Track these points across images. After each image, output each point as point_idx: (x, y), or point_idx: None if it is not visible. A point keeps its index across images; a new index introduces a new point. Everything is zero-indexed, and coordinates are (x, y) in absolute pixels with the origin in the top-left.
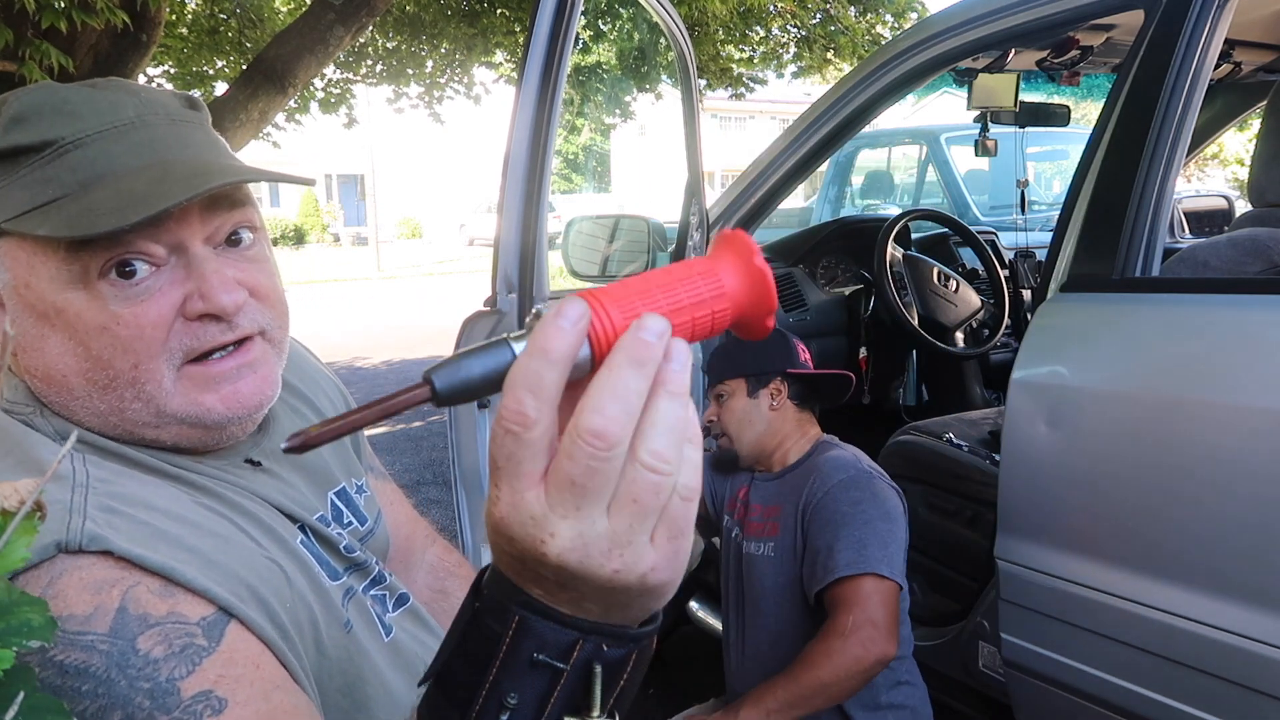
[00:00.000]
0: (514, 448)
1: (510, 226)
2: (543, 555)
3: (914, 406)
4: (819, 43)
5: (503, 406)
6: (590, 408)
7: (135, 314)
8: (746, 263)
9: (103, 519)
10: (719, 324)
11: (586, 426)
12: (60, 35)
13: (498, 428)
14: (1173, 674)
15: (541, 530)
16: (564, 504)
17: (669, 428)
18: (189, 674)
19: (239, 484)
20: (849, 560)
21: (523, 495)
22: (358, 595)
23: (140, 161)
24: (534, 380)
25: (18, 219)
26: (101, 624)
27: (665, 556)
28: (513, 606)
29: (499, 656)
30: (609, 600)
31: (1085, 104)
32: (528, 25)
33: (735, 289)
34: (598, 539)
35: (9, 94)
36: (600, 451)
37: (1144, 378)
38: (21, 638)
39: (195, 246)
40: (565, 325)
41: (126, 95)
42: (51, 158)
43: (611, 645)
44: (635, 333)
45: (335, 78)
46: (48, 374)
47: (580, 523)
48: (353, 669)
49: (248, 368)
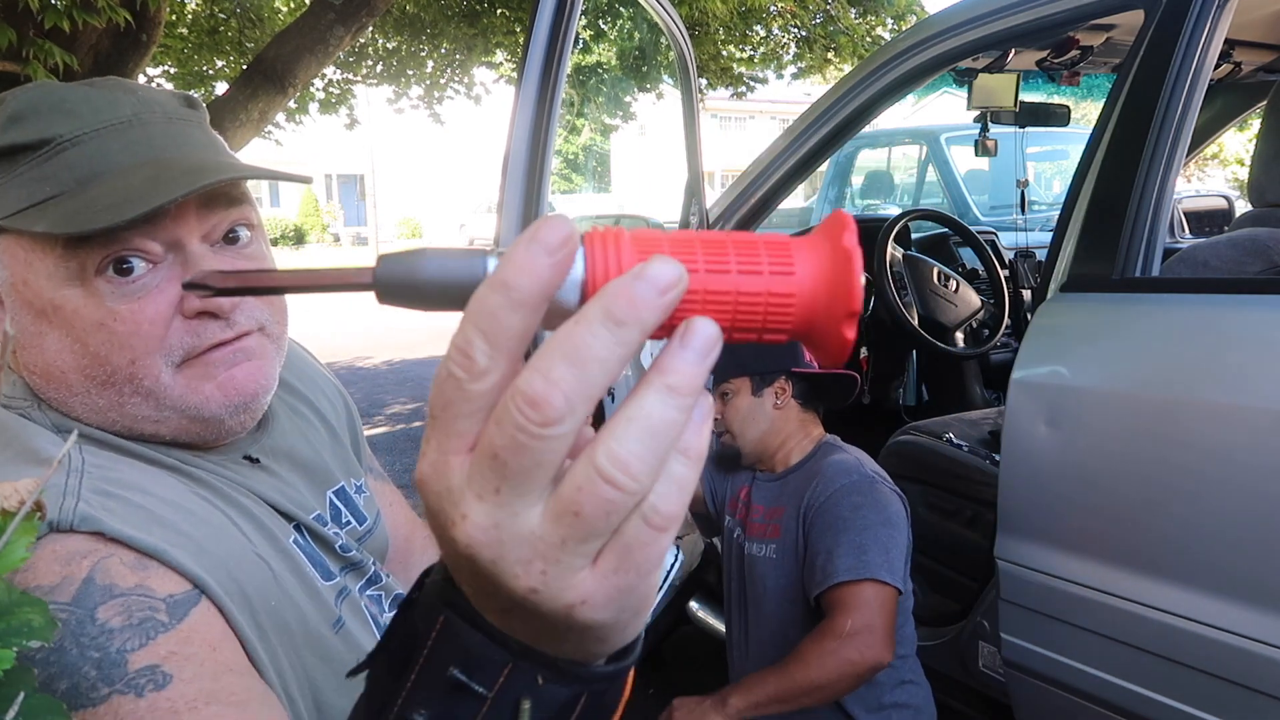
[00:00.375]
0: (453, 395)
1: (510, 226)
2: (452, 539)
3: (914, 406)
4: (819, 43)
5: (452, 342)
6: (534, 366)
7: (133, 311)
8: (832, 239)
9: (96, 501)
10: (775, 316)
11: (522, 389)
12: (62, 35)
13: (441, 367)
14: (1172, 674)
15: (454, 507)
16: (482, 480)
17: (649, 430)
18: (140, 647)
19: (236, 480)
20: (849, 565)
21: (447, 459)
22: (352, 595)
23: (136, 159)
24: (487, 319)
25: (15, 216)
26: (65, 594)
27: (605, 591)
28: (439, 604)
29: (418, 663)
30: (534, 624)
31: (1085, 104)
32: (527, 25)
33: (807, 272)
34: (516, 541)
35: (7, 92)
36: (530, 424)
37: (1144, 378)
38: (22, 638)
39: (192, 244)
40: (538, 253)
41: (124, 94)
42: (49, 155)
43: (550, 679)
44: (628, 278)
45: (335, 78)
46: (46, 370)
47: (499, 510)
48: (345, 668)
49: (242, 353)
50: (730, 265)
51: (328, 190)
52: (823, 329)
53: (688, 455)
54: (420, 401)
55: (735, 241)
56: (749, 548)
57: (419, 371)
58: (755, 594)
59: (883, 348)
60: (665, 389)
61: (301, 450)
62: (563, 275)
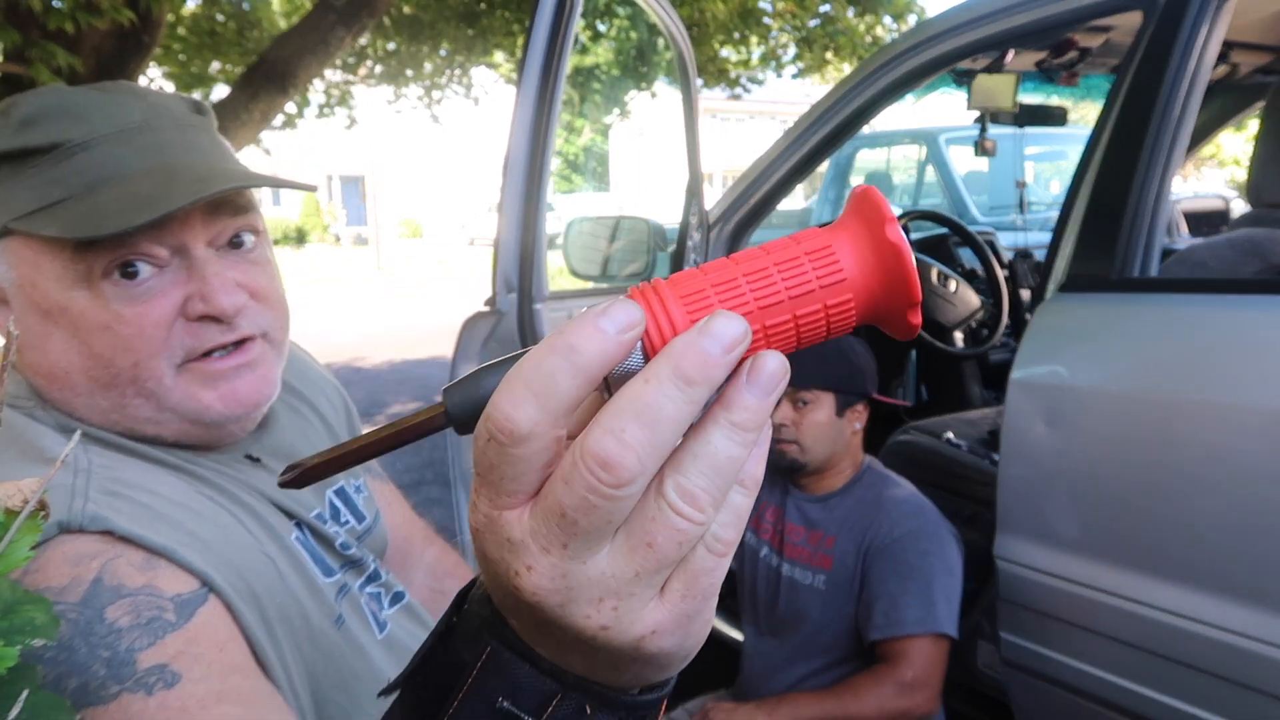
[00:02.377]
0: (496, 459)
1: (510, 226)
2: (516, 589)
3: (914, 406)
4: (819, 43)
5: (492, 404)
6: (604, 426)
7: (137, 313)
8: (874, 235)
9: (104, 501)
10: (838, 324)
11: (594, 450)
12: (66, 36)
13: (482, 427)
14: (1172, 673)
15: (517, 560)
16: (549, 536)
17: (716, 467)
18: (149, 646)
19: (239, 478)
20: (917, 619)
21: (502, 514)
22: (352, 592)
23: (146, 165)
24: (543, 381)
25: (25, 218)
26: (75, 594)
27: (674, 618)
28: (485, 635)
29: (462, 690)
30: (593, 658)
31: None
32: (527, 26)
33: (859, 274)
34: (586, 585)
35: (19, 96)
36: (603, 485)
37: (1142, 378)
38: (25, 636)
39: (197, 249)
40: (608, 329)
41: (134, 99)
42: (59, 159)
43: (598, 709)
44: (695, 335)
45: (335, 79)
46: (51, 371)
47: (567, 562)
48: (345, 665)
49: (247, 368)
50: (780, 292)
51: (329, 191)
52: (888, 319)
53: (745, 485)
54: (421, 401)
55: (777, 262)
56: (788, 570)
57: (419, 371)
58: (793, 618)
59: (882, 348)
60: (731, 426)
61: (301, 449)
62: (625, 354)
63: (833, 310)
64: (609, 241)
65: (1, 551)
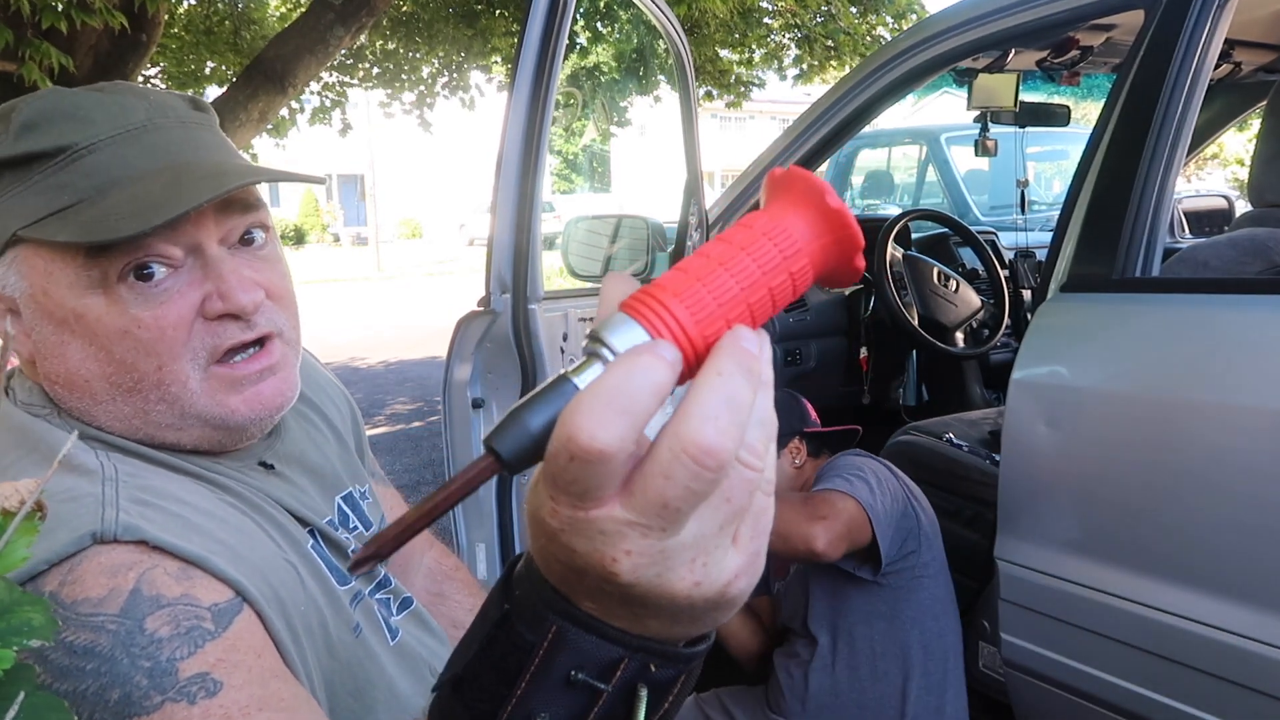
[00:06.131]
0: (580, 474)
1: (504, 227)
2: (612, 574)
3: (914, 406)
4: (819, 43)
5: (574, 428)
6: (699, 418)
7: (156, 316)
8: (819, 207)
9: (135, 510)
10: (801, 285)
11: (696, 440)
12: (60, 36)
13: (561, 449)
14: (1172, 674)
15: (614, 547)
16: (648, 524)
17: (760, 420)
18: (189, 655)
19: (255, 485)
20: (841, 485)
21: (589, 514)
22: (365, 599)
23: (154, 165)
24: (629, 401)
25: (34, 225)
26: (113, 605)
27: (747, 558)
28: (550, 615)
29: (530, 669)
30: (676, 617)
31: (1085, 104)
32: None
33: (811, 241)
34: (680, 551)
35: (17, 101)
36: (706, 471)
37: (1144, 378)
38: (22, 637)
39: (211, 247)
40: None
41: (136, 99)
42: (65, 163)
43: (660, 665)
44: (738, 341)
45: (331, 81)
46: (70, 380)
47: (664, 541)
48: (361, 673)
49: (269, 371)
50: (754, 271)
51: (328, 190)
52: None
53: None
54: (420, 401)
55: (743, 246)
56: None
57: (419, 371)
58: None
59: (883, 348)
60: (765, 387)
61: (311, 456)
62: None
63: (796, 275)
64: (609, 241)
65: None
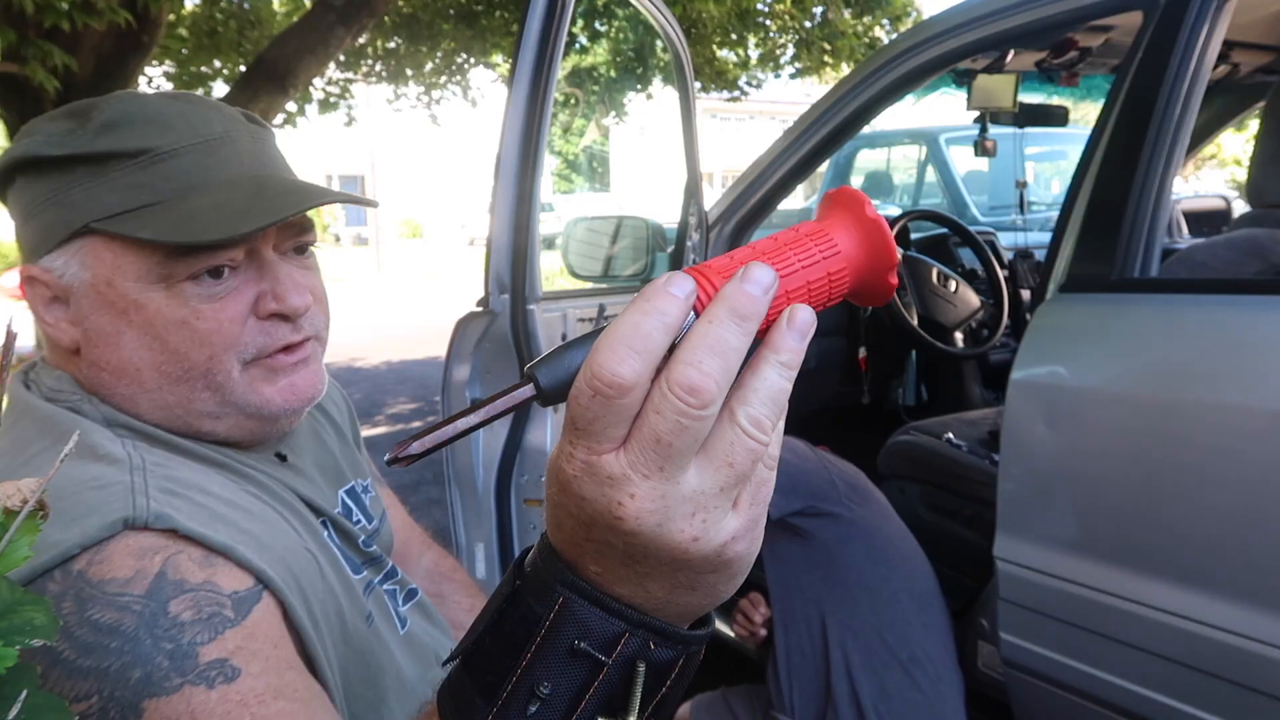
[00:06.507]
0: (601, 411)
1: (502, 227)
2: (618, 518)
3: (914, 406)
4: (816, 44)
5: (596, 365)
6: (685, 360)
7: (215, 310)
8: (858, 216)
9: (165, 499)
10: (838, 287)
11: (680, 380)
12: (63, 36)
13: (584, 386)
14: (1172, 674)
15: (619, 491)
16: (647, 463)
17: (772, 398)
18: (210, 640)
19: (274, 476)
20: None
21: (601, 457)
22: (376, 589)
23: (232, 175)
24: (643, 340)
25: (111, 219)
26: (139, 586)
27: (746, 524)
28: (558, 587)
29: (536, 640)
30: (676, 578)
31: (1084, 105)
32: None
33: (850, 246)
34: (680, 501)
35: (97, 100)
36: (692, 409)
37: (1142, 378)
38: (24, 636)
39: (267, 253)
40: (679, 295)
41: (212, 111)
42: (145, 164)
43: (660, 644)
44: (738, 283)
45: (335, 76)
46: (120, 367)
47: (664, 482)
48: (374, 660)
49: (303, 364)
50: (795, 264)
51: None
52: (872, 283)
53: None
54: (420, 401)
55: (787, 243)
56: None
57: (419, 371)
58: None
59: (882, 348)
60: (779, 364)
61: (317, 449)
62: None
63: (833, 275)
64: (610, 241)
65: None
